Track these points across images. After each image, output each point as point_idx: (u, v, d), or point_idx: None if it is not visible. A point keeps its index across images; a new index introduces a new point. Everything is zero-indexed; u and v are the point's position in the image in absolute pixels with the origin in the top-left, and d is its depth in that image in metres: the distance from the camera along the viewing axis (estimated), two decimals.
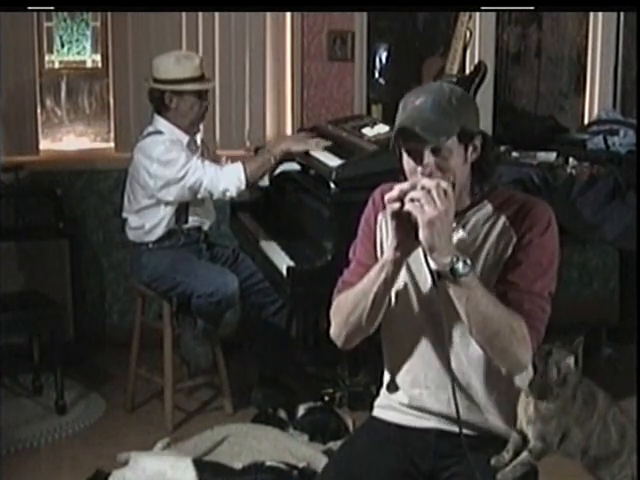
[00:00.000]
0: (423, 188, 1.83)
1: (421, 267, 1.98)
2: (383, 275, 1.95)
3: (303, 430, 3.58)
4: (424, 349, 2.06)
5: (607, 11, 4.97)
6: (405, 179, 1.96)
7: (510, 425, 2.03)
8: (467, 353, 2.01)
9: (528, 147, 4.05)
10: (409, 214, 1.84)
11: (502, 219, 1.99)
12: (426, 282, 2.01)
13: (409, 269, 2.03)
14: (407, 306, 2.06)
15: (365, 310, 2.00)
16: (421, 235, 1.83)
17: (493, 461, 1.98)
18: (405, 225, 1.87)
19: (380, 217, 2.09)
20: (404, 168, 1.98)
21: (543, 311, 1.95)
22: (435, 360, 2.05)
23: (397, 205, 1.86)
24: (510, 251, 1.97)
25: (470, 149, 1.96)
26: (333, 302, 2.12)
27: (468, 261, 1.85)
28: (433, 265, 1.89)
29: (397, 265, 1.94)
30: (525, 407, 1.97)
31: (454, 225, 1.94)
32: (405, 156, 1.97)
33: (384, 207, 1.94)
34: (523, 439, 1.99)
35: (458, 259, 1.84)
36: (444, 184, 1.84)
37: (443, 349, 2.01)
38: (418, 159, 1.93)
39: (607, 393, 2.03)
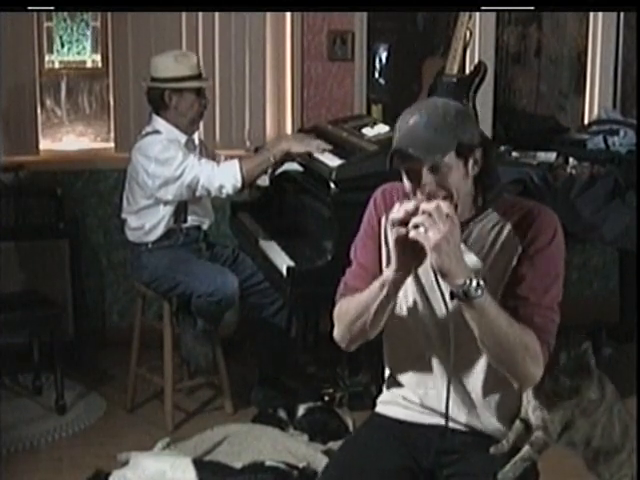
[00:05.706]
0: (424, 212, 1.81)
1: (430, 279, 1.97)
2: (384, 292, 1.94)
3: (303, 430, 3.58)
4: (429, 355, 2.06)
5: (607, 11, 4.97)
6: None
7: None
8: (470, 362, 2.01)
9: (528, 147, 4.05)
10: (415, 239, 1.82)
11: (507, 228, 1.97)
12: (434, 294, 1.99)
13: (419, 281, 2.02)
14: (414, 316, 2.05)
15: (368, 320, 2.01)
16: (430, 260, 1.82)
17: (492, 449, 1.98)
18: (409, 248, 1.85)
19: (384, 220, 2.05)
20: (406, 188, 1.96)
21: (553, 323, 1.95)
22: (438, 366, 2.05)
23: (403, 230, 1.83)
24: (515, 261, 1.95)
25: (471, 162, 1.93)
26: (336, 305, 2.12)
27: (481, 282, 1.82)
28: (444, 286, 1.88)
29: (397, 285, 1.94)
30: (534, 393, 1.97)
31: None
32: (405, 177, 1.95)
33: (386, 209, 1.93)
34: (525, 427, 1.99)
35: (471, 281, 1.81)
36: (444, 205, 1.81)
37: (448, 356, 1.99)
38: (417, 179, 1.91)
39: (615, 388, 2.04)
